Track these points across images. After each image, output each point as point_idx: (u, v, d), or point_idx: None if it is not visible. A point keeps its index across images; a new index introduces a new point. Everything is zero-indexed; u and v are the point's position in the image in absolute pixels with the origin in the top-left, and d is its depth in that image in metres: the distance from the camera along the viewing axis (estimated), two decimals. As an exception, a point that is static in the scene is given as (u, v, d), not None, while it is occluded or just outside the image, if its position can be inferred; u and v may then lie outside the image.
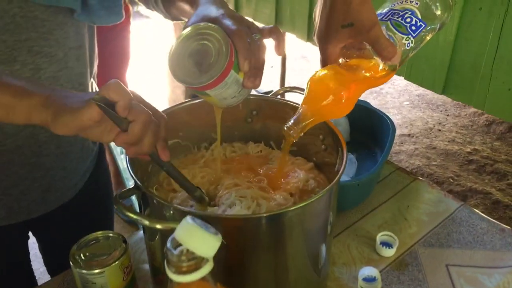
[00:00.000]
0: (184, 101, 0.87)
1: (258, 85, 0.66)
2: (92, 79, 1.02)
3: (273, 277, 0.72)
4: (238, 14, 0.70)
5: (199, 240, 0.42)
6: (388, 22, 0.69)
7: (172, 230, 0.46)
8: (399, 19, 0.69)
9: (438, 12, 0.72)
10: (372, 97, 3.84)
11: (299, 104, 0.84)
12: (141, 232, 0.96)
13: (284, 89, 0.91)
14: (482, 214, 0.99)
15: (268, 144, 0.92)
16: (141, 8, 4.78)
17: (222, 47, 0.62)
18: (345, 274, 0.87)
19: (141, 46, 3.61)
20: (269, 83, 3.84)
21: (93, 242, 0.80)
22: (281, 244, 0.68)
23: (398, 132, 3.39)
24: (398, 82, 3.98)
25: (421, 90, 3.84)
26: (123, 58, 2.23)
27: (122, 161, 1.52)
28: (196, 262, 0.42)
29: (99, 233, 0.81)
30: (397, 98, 3.87)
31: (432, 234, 0.95)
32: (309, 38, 2.04)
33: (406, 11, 0.69)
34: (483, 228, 0.96)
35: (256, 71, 0.65)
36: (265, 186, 0.78)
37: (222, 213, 0.72)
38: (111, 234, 0.81)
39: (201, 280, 0.43)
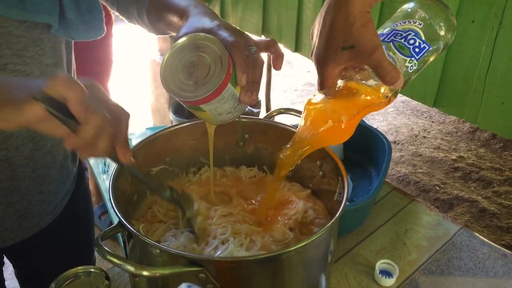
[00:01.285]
0: (170, 125, 0.81)
1: (255, 101, 0.62)
2: None
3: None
4: (233, 26, 0.66)
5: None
6: (391, 43, 0.65)
7: (159, 277, 0.41)
8: (402, 40, 0.64)
9: (442, 33, 0.68)
10: (357, 104, 3.83)
11: (293, 127, 0.80)
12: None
13: (278, 111, 0.85)
14: (483, 238, 0.96)
15: (261, 168, 0.87)
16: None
17: (220, 59, 0.58)
18: (343, 307, 0.82)
19: (124, 51, 3.53)
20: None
21: (73, 279, 0.73)
22: (278, 284, 0.63)
23: (384, 139, 3.38)
24: (383, 88, 3.98)
25: (404, 96, 3.85)
26: (106, 66, 2.17)
27: (104, 181, 1.45)
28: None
29: (79, 269, 0.74)
30: (382, 104, 3.86)
31: (432, 261, 0.91)
32: (296, 49, 2.00)
33: (409, 32, 0.65)
34: (484, 254, 0.92)
35: (253, 85, 0.61)
36: (260, 219, 0.73)
37: (214, 250, 0.67)
38: (92, 270, 0.75)
39: None
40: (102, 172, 1.46)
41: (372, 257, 0.91)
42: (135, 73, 3.69)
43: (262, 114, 2.36)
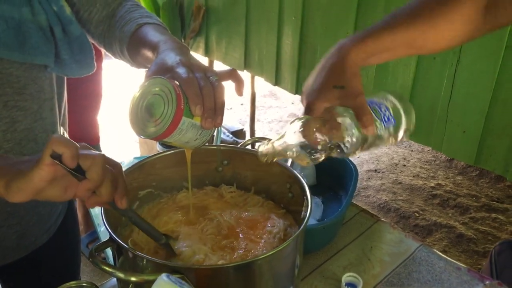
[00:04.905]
0: (157, 152, 0.91)
1: (220, 124, 0.69)
2: (61, 127, 1.05)
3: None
4: (195, 61, 0.74)
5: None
6: (368, 104, 0.75)
7: (146, 282, 0.50)
8: (376, 106, 0.76)
9: (403, 120, 0.79)
10: (339, 134, 3.95)
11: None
12: (114, 279, 0.97)
13: (253, 139, 0.96)
14: (440, 254, 1.06)
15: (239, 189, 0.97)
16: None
17: (171, 98, 0.65)
18: (313, 316, 0.90)
19: (113, 85, 3.64)
20: (239, 120, 3.92)
21: (66, 292, 0.81)
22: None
23: (365, 167, 3.49)
24: (364, 119, 4.12)
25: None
26: (95, 99, 2.26)
27: (94, 208, 1.54)
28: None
29: (72, 283, 0.82)
30: (363, 134, 3.99)
31: (394, 274, 1.00)
32: (277, 82, 2.12)
33: (382, 104, 0.77)
34: (441, 267, 1.02)
35: (212, 112, 0.68)
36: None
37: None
38: (84, 284, 0.83)
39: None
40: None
41: (340, 272, 1.00)
42: (124, 106, 3.79)
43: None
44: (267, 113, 4.17)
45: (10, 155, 0.89)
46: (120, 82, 4.05)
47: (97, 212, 1.56)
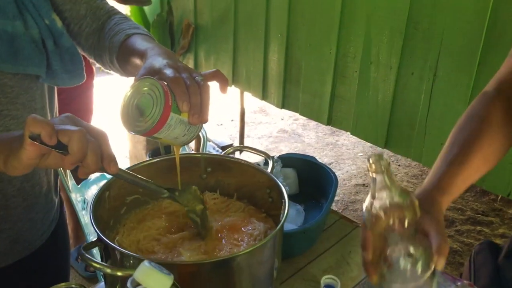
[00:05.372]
0: (144, 160, 0.96)
1: (206, 120, 0.74)
2: None
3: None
4: (181, 64, 0.79)
5: (154, 280, 0.50)
6: None
7: (131, 276, 0.54)
8: None
9: None
10: (328, 149, 4.02)
11: (252, 165, 0.95)
12: (102, 284, 1.01)
13: (235, 148, 1.02)
14: (415, 257, 1.11)
15: (222, 195, 1.02)
16: (104, 64, 4.89)
17: (160, 96, 0.70)
18: (293, 316, 0.95)
19: (103, 101, 3.69)
20: (229, 136, 3.97)
21: (57, 293, 0.85)
22: (232, 284, 0.76)
23: (353, 182, 3.55)
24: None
25: (359, 138, 4.09)
26: (86, 115, 2.31)
27: (84, 217, 1.58)
28: (152, 298, 0.50)
29: (62, 285, 0.86)
30: (351, 149, 4.06)
31: (371, 277, 1.05)
32: (264, 97, 2.19)
33: None
34: (415, 270, 1.06)
35: (198, 107, 0.73)
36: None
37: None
38: (73, 286, 0.86)
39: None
40: (82, 209, 1.58)
41: (320, 274, 1.04)
42: (114, 122, 3.84)
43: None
44: (257, 129, 4.24)
45: None
46: (110, 99, 4.11)
47: (87, 221, 1.60)
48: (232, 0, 2.12)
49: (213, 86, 0.79)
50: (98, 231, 0.74)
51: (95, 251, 1.15)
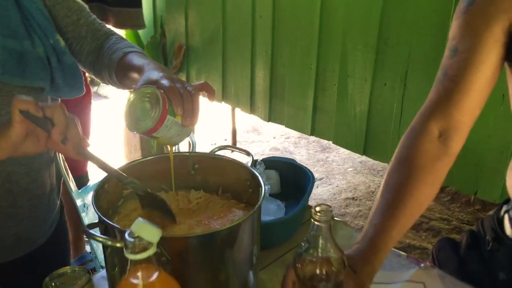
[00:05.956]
0: (140, 158, 1.08)
1: (196, 123, 0.87)
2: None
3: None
4: (175, 76, 0.91)
5: (146, 231, 0.63)
6: None
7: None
8: None
9: None
10: (319, 165, 4.14)
11: (234, 160, 1.08)
12: (102, 272, 1.12)
13: (219, 147, 1.14)
14: (384, 245, 1.22)
15: (207, 191, 1.14)
16: (100, 89, 5.06)
17: (158, 101, 0.83)
18: (273, 296, 1.06)
19: (100, 123, 3.82)
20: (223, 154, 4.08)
21: (62, 274, 0.96)
22: (215, 261, 0.88)
23: (343, 196, 3.67)
24: (342, 151, 4.32)
25: (363, 157, 4.19)
26: (84, 135, 2.42)
27: (85, 218, 1.69)
28: (144, 246, 0.63)
29: (67, 268, 0.97)
30: (341, 165, 4.18)
31: (344, 262, 1.17)
32: (251, 111, 2.33)
33: None
34: (384, 255, 1.18)
35: (191, 112, 0.86)
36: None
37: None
38: (76, 269, 0.98)
39: (148, 263, 0.63)
40: (83, 211, 1.70)
41: (297, 260, 1.16)
42: (111, 140, 3.96)
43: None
44: (250, 148, 4.36)
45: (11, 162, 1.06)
46: (107, 121, 4.24)
47: (86, 222, 1.72)
48: (220, 22, 2.28)
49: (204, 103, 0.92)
50: (99, 213, 0.87)
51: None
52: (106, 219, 0.85)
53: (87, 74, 1.29)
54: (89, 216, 1.69)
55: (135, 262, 0.63)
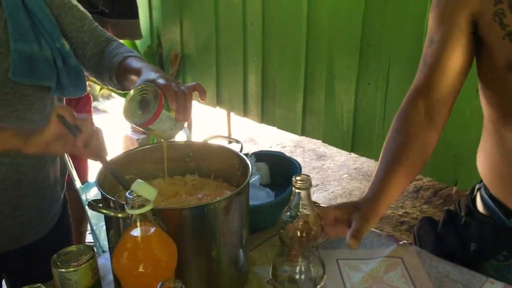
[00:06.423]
0: (137, 146, 1.18)
1: (188, 118, 0.96)
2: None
3: (205, 265, 1.00)
4: (170, 77, 1.01)
5: (144, 190, 0.73)
6: None
7: (128, 218, 0.75)
8: None
9: None
10: (315, 172, 4.22)
11: (224, 146, 1.18)
12: (105, 255, 1.21)
13: (212, 136, 1.24)
14: (366, 226, 1.32)
15: (201, 176, 1.23)
16: (99, 104, 5.18)
17: (155, 96, 0.93)
18: (262, 271, 1.15)
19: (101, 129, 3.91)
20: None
21: (69, 252, 1.05)
22: (207, 235, 0.97)
23: (338, 201, 3.74)
24: (337, 158, 4.42)
25: (358, 164, 4.28)
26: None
27: (88, 211, 1.79)
28: (143, 202, 0.72)
29: (73, 247, 1.06)
30: (337, 171, 4.26)
31: (328, 241, 1.25)
32: (245, 114, 2.43)
33: None
34: (365, 235, 1.27)
35: (184, 108, 0.95)
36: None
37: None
38: (82, 247, 1.07)
39: (146, 220, 0.72)
40: (85, 205, 1.79)
41: (285, 240, 1.24)
42: (111, 147, 4.04)
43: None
44: (246, 156, 4.43)
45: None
46: (107, 126, 4.33)
47: (89, 214, 1.81)
48: (213, 30, 2.39)
49: (201, 112, 1.02)
50: (102, 192, 0.96)
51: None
52: (109, 196, 0.95)
53: (87, 83, 1.39)
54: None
55: (135, 218, 0.73)
